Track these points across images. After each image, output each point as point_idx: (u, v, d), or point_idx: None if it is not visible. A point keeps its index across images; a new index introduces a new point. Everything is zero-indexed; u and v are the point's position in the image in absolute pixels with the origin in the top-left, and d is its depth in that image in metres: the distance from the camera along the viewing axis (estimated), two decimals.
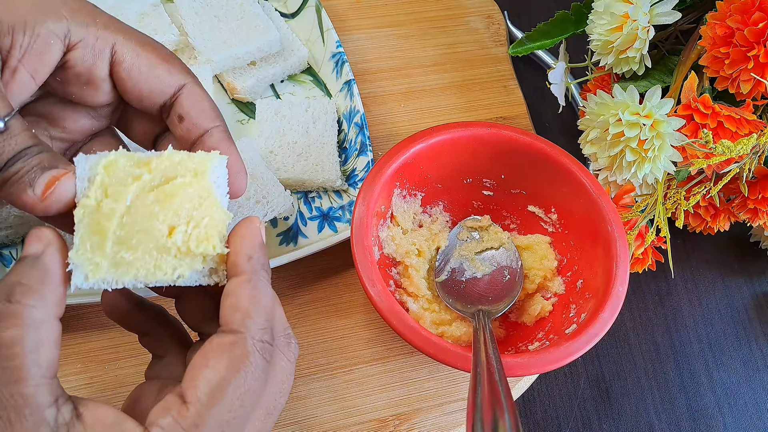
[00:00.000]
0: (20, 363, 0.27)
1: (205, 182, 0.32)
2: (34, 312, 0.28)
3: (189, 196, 0.31)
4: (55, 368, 0.28)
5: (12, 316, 0.27)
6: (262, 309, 0.31)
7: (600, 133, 0.48)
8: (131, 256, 0.30)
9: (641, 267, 0.53)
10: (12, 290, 0.28)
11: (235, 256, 0.31)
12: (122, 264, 0.30)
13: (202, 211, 0.31)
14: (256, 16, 0.58)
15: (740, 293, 0.60)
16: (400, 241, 0.50)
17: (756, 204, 0.51)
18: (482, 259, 0.51)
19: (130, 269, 0.30)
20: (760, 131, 0.46)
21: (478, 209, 0.54)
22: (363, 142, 0.55)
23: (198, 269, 0.32)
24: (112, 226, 0.30)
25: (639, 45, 0.49)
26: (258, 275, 0.31)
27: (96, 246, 0.30)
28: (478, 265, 0.51)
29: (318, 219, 0.54)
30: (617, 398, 0.54)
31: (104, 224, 0.30)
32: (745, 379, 0.55)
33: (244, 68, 0.58)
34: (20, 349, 0.27)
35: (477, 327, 0.43)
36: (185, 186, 0.31)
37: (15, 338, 0.27)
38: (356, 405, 0.49)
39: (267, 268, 0.32)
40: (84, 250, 0.30)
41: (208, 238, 0.31)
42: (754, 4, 0.44)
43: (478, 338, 0.41)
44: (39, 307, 0.28)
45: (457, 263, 0.51)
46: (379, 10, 0.68)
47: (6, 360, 0.27)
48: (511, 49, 0.61)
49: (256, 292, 0.31)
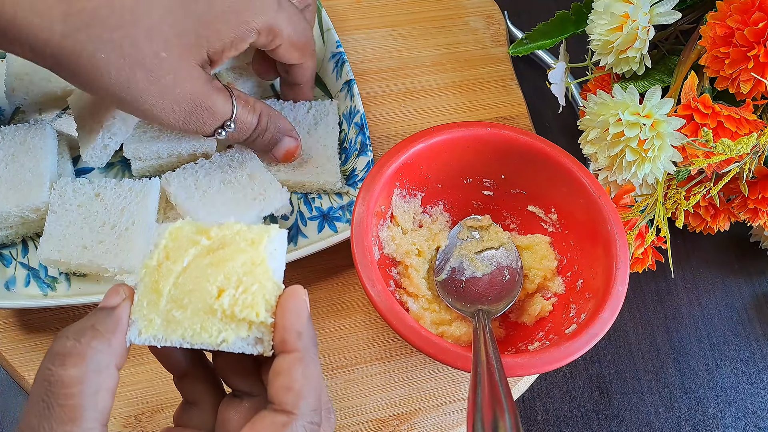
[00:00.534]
0: (78, 403, 0.27)
1: (260, 250, 0.32)
2: (99, 356, 0.28)
3: (241, 261, 0.32)
4: (107, 416, 0.29)
5: (78, 355, 0.28)
6: (313, 390, 0.31)
7: (600, 133, 0.48)
8: (181, 315, 0.31)
9: (641, 267, 0.53)
10: (83, 332, 0.29)
11: (285, 332, 0.31)
12: (172, 322, 0.31)
13: (253, 278, 0.32)
14: None
15: (740, 293, 0.60)
16: (400, 241, 0.50)
17: (756, 204, 0.51)
18: (482, 259, 0.51)
19: (178, 328, 0.31)
20: (760, 131, 0.46)
21: (478, 209, 0.54)
22: (363, 142, 0.55)
23: (243, 336, 0.32)
24: (168, 285, 0.32)
25: (639, 45, 0.49)
26: (309, 353, 0.31)
27: (152, 304, 0.31)
28: (478, 265, 0.51)
29: (318, 219, 0.54)
30: (617, 398, 0.54)
31: (161, 283, 0.32)
32: (745, 379, 0.55)
33: (243, 68, 0.58)
34: (80, 389, 0.27)
35: (477, 326, 0.43)
36: (239, 252, 0.32)
37: (77, 378, 0.27)
38: (356, 405, 0.49)
39: (315, 343, 0.33)
40: (141, 307, 0.31)
41: (253, 304, 0.31)
42: (754, 4, 0.44)
43: (478, 338, 0.41)
44: (105, 353, 0.28)
45: (457, 262, 0.51)
46: (379, 10, 0.68)
47: (65, 398, 0.27)
48: (511, 49, 0.61)
49: (308, 371, 0.31)
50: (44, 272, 0.49)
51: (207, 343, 0.31)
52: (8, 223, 0.48)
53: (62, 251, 0.46)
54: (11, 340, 0.48)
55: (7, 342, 0.48)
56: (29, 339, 0.48)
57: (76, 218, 0.47)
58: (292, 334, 0.31)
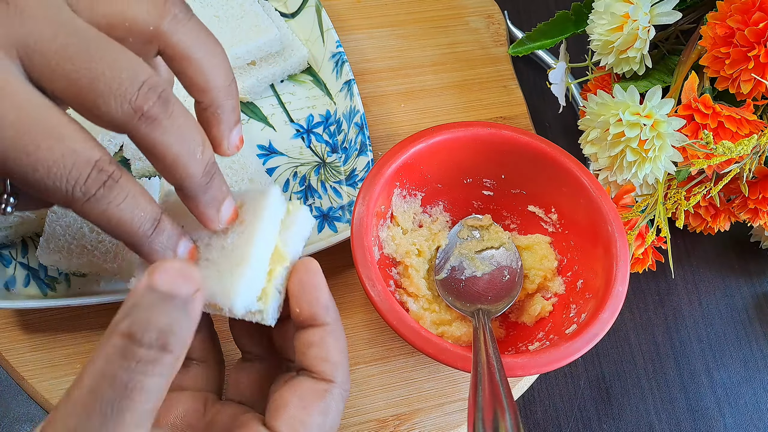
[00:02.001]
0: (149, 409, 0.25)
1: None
2: (177, 365, 0.26)
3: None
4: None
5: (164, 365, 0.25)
6: (346, 360, 0.34)
7: (600, 133, 0.48)
8: None
9: (641, 267, 0.53)
10: (166, 338, 0.25)
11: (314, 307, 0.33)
12: None
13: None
14: (256, 15, 0.58)
15: (740, 293, 0.60)
16: (400, 241, 0.49)
17: (756, 204, 0.51)
18: (482, 258, 0.51)
19: None
20: (760, 131, 0.46)
21: (478, 209, 0.54)
22: (363, 142, 0.55)
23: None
24: None
25: (639, 45, 0.49)
26: (338, 325, 0.34)
27: None
28: (478, 264, 0.51)
29: (318, 219, 0.54)
30: (617, 398, 0.54)
31: None
32: (746, 380, 0.55)
33: (243, 68, 0.58)
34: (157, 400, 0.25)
35: (477, 326, 0.43)
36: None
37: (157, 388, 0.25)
38: (356, 405, 0.49)
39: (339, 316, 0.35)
40: None
41: None
42: (755, 4, 0.43)
43: (479, 337, 0.41)
44: (180, 361, 0.26)
45: (457, 261, 0.51)
46: (379, 10, 0.68)
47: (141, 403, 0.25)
48: (512, 49, 0.61)
49: (339, 344, 0.33)
50: (44, 272, 0.49)
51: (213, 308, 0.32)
52: (8, 223, 0.48)
53: (62, 252, 0.46)
54: (11, 340, 0.48)
55: (6, 342, 0.48)
56: (29, 339, 0.48)
57: (76, 218, 0.47)
58: (320, 309, 0.33)
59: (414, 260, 0.49)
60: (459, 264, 0.51)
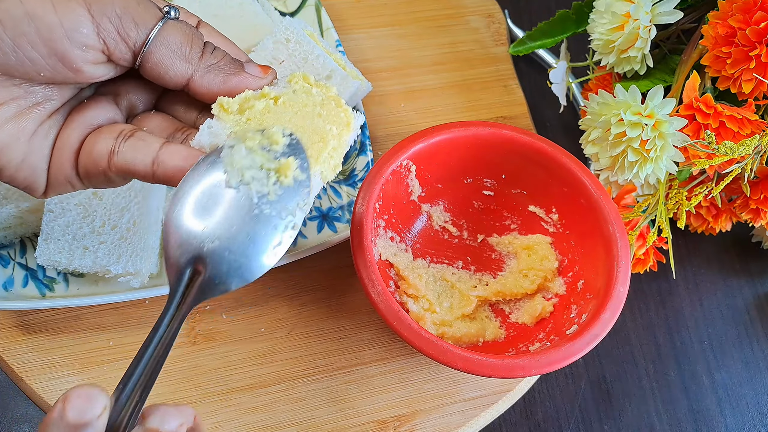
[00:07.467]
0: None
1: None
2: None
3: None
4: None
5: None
6: None
7: (602, 133, 0.48)
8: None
9: (642, 267, 0.52)
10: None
11: None
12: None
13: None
14: (256, 15, 0.58)
15: (742, 294, 0.60)
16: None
17: (758, 204, 0.51)
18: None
19: None
20: (762, 131, 0.46)
21: (478, 209, 0.54)
22: (363, 142, 0.55)
23: None
24: None
25: (640, 44, 0.49)
26: None
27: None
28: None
29: (317, 219, 0.54)
30: (618, 399, 0.54)
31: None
32: (747, 380, 0.55)
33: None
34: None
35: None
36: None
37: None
38: (356, 406, 0.49)
39: None
40: None
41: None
42: (756, 4, 0.43)
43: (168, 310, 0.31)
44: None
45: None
46: (378, 9, 0.68)
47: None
48: (512, 49, 0.61)
49: None
50: (42, 273, 0.49)
51: None
52: (6, 223, 0.48)
53: (62, 252, 0.46)
54: (9, 341, 0.48)
55: (5, 342, 0.48)
56: (27, 339, 0.48)
57: (75, 218, 0.47)
58: None
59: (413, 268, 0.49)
60: None
